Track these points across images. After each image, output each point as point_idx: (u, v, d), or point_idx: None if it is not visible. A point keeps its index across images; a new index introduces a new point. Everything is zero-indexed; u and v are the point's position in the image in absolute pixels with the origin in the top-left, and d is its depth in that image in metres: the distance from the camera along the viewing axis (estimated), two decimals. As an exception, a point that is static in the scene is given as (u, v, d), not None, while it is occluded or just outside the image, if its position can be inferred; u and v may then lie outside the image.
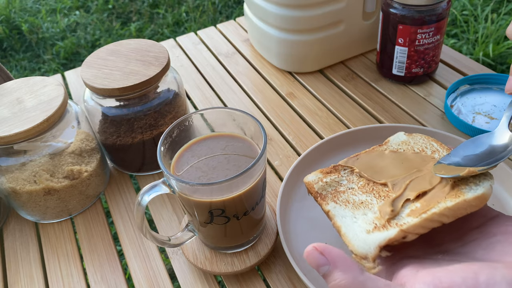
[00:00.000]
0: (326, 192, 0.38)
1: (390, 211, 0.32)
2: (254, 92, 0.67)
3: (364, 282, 0.26)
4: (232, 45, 0.78)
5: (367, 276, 0.26)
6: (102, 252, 0.47)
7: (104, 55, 0.51)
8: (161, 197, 0.52)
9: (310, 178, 0.40)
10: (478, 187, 0.30)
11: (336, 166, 0.40)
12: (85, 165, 0.49)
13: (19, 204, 0.48)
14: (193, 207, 0.38)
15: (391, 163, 0.38)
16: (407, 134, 0.41)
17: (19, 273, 0.46)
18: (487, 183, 0.30)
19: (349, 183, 0.38)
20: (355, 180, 0.38)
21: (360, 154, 0.40)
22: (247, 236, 0.43)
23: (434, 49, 0.59)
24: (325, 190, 0.38)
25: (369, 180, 0.37)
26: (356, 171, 0.38)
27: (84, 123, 0.51)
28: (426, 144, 0.38)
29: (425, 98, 0.61)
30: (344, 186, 0.38)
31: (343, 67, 0.69)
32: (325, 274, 0.27)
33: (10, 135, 0.43)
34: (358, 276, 0.26)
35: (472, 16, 1.64)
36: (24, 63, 1.81)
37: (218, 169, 0.39)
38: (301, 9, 0.61)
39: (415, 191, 0.33)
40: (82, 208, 0.51)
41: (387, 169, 0.37)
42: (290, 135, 0.59)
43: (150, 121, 0.50)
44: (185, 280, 0.44)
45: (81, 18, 2.01)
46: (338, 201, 0.36)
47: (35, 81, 0.49)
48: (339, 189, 0.37)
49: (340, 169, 0.39)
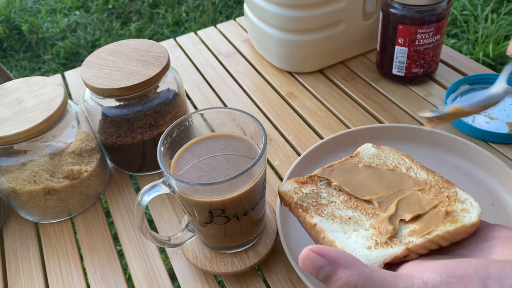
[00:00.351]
0: (307, 204, 0.36)
1: (392, 229, 0.32)
2: (254, 92, 0.67)
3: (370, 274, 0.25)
4: (232, 45, 0.78)
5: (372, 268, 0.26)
6: (102, 252, 0.47)
7: (104, 55, 0.51)
8: (161, 197, 0.52)
9: (285, 187, 0.38)
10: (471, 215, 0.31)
11: (312, 176, 0.39)
12: (85, 165, 0.49)
13: (19, 204, 0.48)
14: (193, 207, 0.38)
15: (368, 178, 0.38)
16: (376, 146, 0.41)
17: (19, 273, 0.46)
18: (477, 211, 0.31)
19: (330, 196, 0.37)
20: (335, 194, 0.37)
21: (334, 164, 0.40)
22: (247, 236, 0.43)
23: (434, 49, 0.59)
24: (305, 201, 0.37)
25: (351, 195, 0.36)
26: (335, 184, 0.37)
27: (84, 123, 0.51)
28: (398, 160, 0.39)
29: (425, 98, 0.61)
30: (325, 199, 0.37)
31: (343, 67, 0.69)
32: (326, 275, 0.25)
33: (10, 135, 0.43)
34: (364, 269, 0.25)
35: (472, 16, 1.64)
36: (24, 63, 1.81)
37: (218, 169, 0.39)
38: (301, 9, 0.61)
39: (408, 213, 0.34)
40: (82, 208, 0.51)
41: (367, 185, 0.37)
42: (290, 135, 0.59)
43: (150, 121, 0.50)
44: (185, 280, 0.44)
45: (81, 18, 2.01)
46: (323, 215, 0.35)
47: (35, 81, 0.49)
48: (320, 201, 0.37)
49: (316, 180, 0.38)
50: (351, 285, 0.25)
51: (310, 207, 0.36)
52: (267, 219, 0.46)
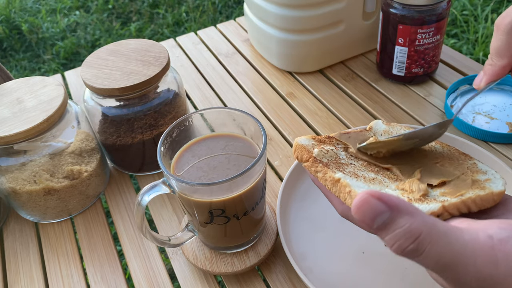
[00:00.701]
0: (326, 160, 0.34)
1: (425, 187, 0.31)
2: (254, 92, 0.67)
3: (435, 222, 0.23)
4: (232, 45, 0.78)
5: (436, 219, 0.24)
6: (102, 252, 0.47)
7: (104, 55, 0.51)
8: (161, 197, 0.52)
9: (303, 141, 0.36)
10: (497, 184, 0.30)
11: (330, 137, 0.37)
12: (85, 165, 0.49)
13: (19, 204, 0.48)
14: (193, 207, 0.38)
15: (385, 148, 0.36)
16: (385, 122, 0.40)
17: (19, 273, 0.46)
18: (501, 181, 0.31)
19: (348, 159, 0.35)
20: (353, 159, 0.35)
21: (350, 132, 0.38)
22: (247, 236, 0.43)
23: (434, 49, 0.59)
24: (325, 158, 0.34)
25: (370, 162, 0.35)
26: (352, 151, 0.36)
27: (84, 123, 0.51)
28: None
29: (425, 98, 0.61)
30: (344, 160, 0.35)
31: (343, 67, 0.69)
32: (383, 223, 0.23)
33: (10, 135, 0.43)
34: (427, 218, 0.23)
35: (472, 16, 1.64)
36: (24, 63, 1.81)
37: (218, 169, 0.39)
38: (301, 9, 0.61)
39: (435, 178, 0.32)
40: (82, 208, 0.51)
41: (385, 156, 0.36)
42: (290, 135, 0.59)
43: (150, 121, 0.50)
44: (185, 280, 0.44)
45: (81, 18, 2.01)
46: (345, 172, 0.33)
47: (35, 81, 0.49)
48: (340, 161, 0.34)
49: (334, 142, 0.36)
50: (415, 234, 0.22)
51: (331, 164, 0.34)
52: (267, 219, 0.46)
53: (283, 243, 0.41)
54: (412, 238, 0.22)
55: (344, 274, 0.41)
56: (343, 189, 0.31)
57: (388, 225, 0.23)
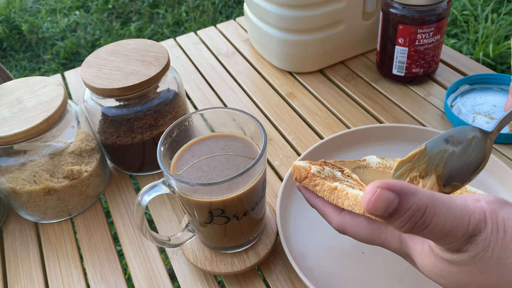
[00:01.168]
0: (324, 175, 0.36)
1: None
2: (254, 92, 0.67)
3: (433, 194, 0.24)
4: (232, 45, 0.78)
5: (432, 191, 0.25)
6: (102, 252, 0.47)
7: (104, 55, 0.51)
8: (161, 197, 0.52)
9: (301, 163, 0.38)
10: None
11: (326, 162, 0.39)
12: (85, 165, 0.49)
13: (19, 204, 0.48)
14: (193, 207, 0.38)
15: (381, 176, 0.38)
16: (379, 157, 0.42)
17: (19, 273, 0.46)
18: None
19: (344, 177, 0.38)
20: (349, 178, 0.38)
21: (344, 161, 0.41)
22: (247, 236, 0.43)
23: (434, 49, 0.59)
24: (322, 174, 0.37)
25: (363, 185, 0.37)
26: (347, 172, 0.38)
27: (84, 123, 0.51)
28: None
29: (425, 98, 0.61)
30: (340, 177, 0.37)
31: (343, 67, 0.69)
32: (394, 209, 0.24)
33: (10, 135, 0.43)
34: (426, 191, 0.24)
35: (472, 16, 1.64)
36: (24, 63, 1.81)
37: (218, 169, 0.39)
38: (301, 9, 0.61)
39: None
40: (82, 208, 0.51)
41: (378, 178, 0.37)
42: (290, 135, 0.59)
43: (150, 121, 0.49)
44: (185, 280, 0.44)
45: (81, 18, 2.01)
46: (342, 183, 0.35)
47: (35, 81, 0.49)
48: (336, 177, 0.37)
49: (330, 166, 0.39)
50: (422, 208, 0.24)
51: (328, 178, 0.36)
52: (267, 219, 0.46)
53: (283, 243, 0.41)
54: (420, 215, 0.24)
55: (344, 274, 0.41)
56: (340, 193, 0.33)
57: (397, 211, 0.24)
